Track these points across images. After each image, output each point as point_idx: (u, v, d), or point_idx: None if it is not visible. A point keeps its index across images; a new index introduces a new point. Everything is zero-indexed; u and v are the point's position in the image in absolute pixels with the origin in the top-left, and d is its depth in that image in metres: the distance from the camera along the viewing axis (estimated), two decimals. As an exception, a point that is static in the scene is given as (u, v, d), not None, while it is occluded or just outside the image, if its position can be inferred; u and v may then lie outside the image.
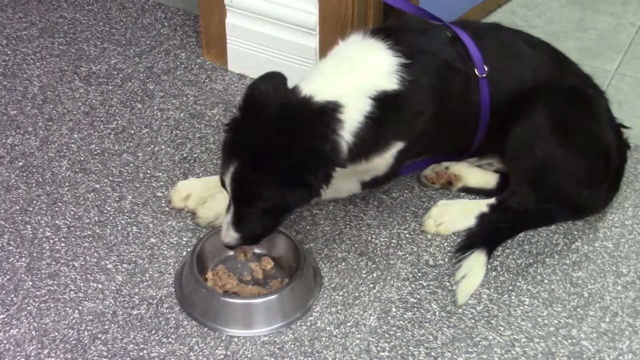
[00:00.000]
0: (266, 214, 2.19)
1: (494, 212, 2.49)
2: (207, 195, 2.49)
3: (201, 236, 2.42)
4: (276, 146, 2.12)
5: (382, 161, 2.36)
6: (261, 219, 2.21)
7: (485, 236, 2.44)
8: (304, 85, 2.22)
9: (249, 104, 2.20)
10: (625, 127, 2.59)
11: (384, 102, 2.25)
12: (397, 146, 2.35)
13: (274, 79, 2.25)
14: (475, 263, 2.36)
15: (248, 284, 2.34)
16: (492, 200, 2.51)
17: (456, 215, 2.50)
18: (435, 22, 2.48)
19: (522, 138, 2.43)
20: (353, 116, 2.22)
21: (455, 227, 2.48)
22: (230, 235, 2.23)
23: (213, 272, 2.34)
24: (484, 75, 2.40)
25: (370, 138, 2.26)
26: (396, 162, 2.39)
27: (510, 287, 2.35)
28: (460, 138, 2.51)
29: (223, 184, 2.21)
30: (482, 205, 2.50)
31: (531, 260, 2.43)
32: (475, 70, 2.39)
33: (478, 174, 2.60)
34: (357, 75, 2.27)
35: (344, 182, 2.41)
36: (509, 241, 2.47)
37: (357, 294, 2.32)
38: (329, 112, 2.19)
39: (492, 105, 2.42)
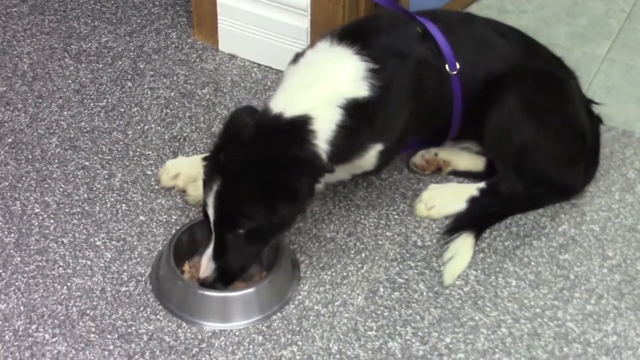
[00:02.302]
0: (250, 239, 2.15)
1: (484, 196, 2.50)
2: (196, 174, 2.49)
3: (190, 216, 2.43)
4: (256, 161, 2.11)
5: (365, 161, 2.35)
6: (243, 247, 2.17)
7: (474, 219, 2.45)
8: (274, 103, 2.21)
9: (228, 130, 2.21)
10: (595, 103, 2.63)
11: (355, 110, 2.22)
12: (376, 148, 2.33)
13: (249, 109, 2.28)
14: (463, 245, 2.37)
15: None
16: (482, 185, 2.52)
17: (447, 199, 2.51)
18: (406, 15, 2.46)
19: (497, 126, 2.44)
20: (324, 126, 2.19)
21: (446, 210, 2.49)
22: (208, 269, 2.18)
23: (190, 264, 2.32)
24: (455, 73, 2.40)
25: (347, 144, 2.24)
26: (381, 160, 2.38)
27: (497, 269, 2.37)
28: (435, 129, 2.52)
29: (205, 212, 2.17)
30: (472, 189, 2.52)
31: (518, 243, 2.44)
32: (447, 67, 2.39)
33: (467, 158, 2.61)
34: (324, 86, 2.24)
35: (337, 173, 2.39)
36: (497, 223, 2.49)
37: (345, 274, 2.33)
38: (300, 125, 2.17)
39: (464, 97, 2.43)
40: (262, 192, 2.11)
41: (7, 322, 2.19)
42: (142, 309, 2.23)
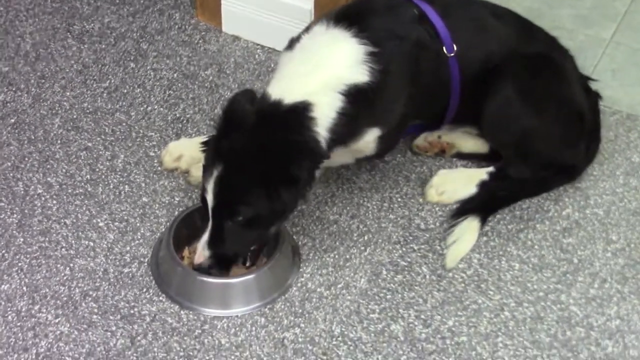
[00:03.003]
0: (249, 226, 2.14)
1: (493, 180, 2.50)
2: (199, 156, 2.49)
3: (193, 198, 2.42)
4: (257, 148, 2.10)
5: (364, 146, 2.33)
6: (242, 234, 2.15)
7: (481, 203, 2.45)
8: (272, 89, 2.19)
9: (228, 116, 2.19)
10: (592, 80, 2.62)
11: (355, 95, 2.20)
12: (374, 133, 2.30)
13: (248, 94, 2.24)
14: (468, 229, 2.37)
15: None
16: (491, 168, 2.51)
17: (458, 183, 2.49)
18: None
19: (494, 117, 2.44)
20: (325, 113, 2.17)
21: (457, 195, 2.48)
22: (203, 255, 2.16)
23: (190, 249, 2.31)
24: (452, 55, 2.38)
25: (345, 131, 2.22)
26: (381, 145, 2.35)
27: (501, 252, 2.36)
28: (434, 112, 2.50)
29: (203, 197, 2.16)
30: (482, 173, 2.51)
31: (522, 226, 2.43)
32: (444, 49, 2.37)
33: (471, 141, 2.60)
34: (324, 72, 2.21)
35: (339, 157, 2.38)
36: (503, 208, 2.48)
37: (348, 256, 2.33)
38: (300, 112, 2.15)
39: (462, 80, 2.41)
40: (263, 180, 2.10)
41: (10, 302, 2.19)
42: (144, 290, 2.23)
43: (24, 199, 2.44)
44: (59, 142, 2.61)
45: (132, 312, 2.18)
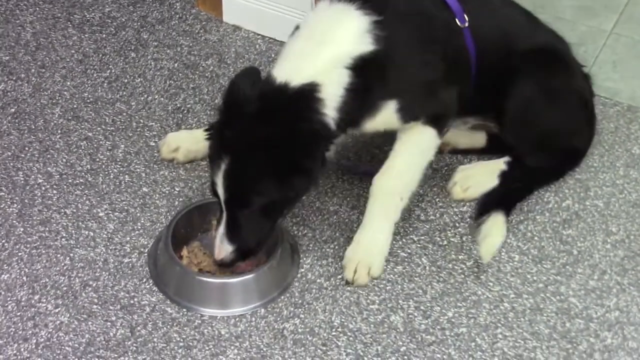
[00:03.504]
0: (264, 213, 2.11)
1: (512, 169, 2.49)
2: (196, 149, 2.49)
3: (193, 188, 2.42)
4: (265, 137, 2.05)
5: (384, 122, 2.24)
6: (258, 222, 2.12)
7: (500, 198, 2.41)
8: (277, 71, 2.13)
9: (230, 103, 2.13)
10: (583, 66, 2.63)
11: (363, 67, 2.13)
12: (390, 106, 2.21)
13: (251, 75, 2.17)
14: (494, 225, 2.31)
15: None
16: (507, 158, 2.50)
17: (480, 178, 2.48)
18: None
19: (518, 117, 2.45)
20: (333, 92, 2.11)
21: (481, 189, 2.46)
22: (224, 249, 2.13)
23: (189, 249, 2.30)
24: (466, 25, 2.33)
25: (357, 107, 2.16)
26: (405, 117, 2.24)
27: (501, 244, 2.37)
28: (461, 79, 2.38)
29: (214, 190, 2.12)
30: (500, 164, 2.50)
31: (522, 218, 2.43)
32: (457, 20, 2.32)
33: (465, 136, 2.58)
34: (328, 49, 2.13)
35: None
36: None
37: (348, 247, 2.33)
38: (307, 94, 2.09)
39: (479, 58, 2.37)
40: (273, 168, 2.06)
41: (10, 292, 2.19)
42: (144, 280, 2.24)
43: (24, 189, 2.44)
44: (59, 131, 2.61)
45: (132, 302, 2.19)
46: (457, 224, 2.41)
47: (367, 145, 2.61)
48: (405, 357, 2.11)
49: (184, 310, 2.17)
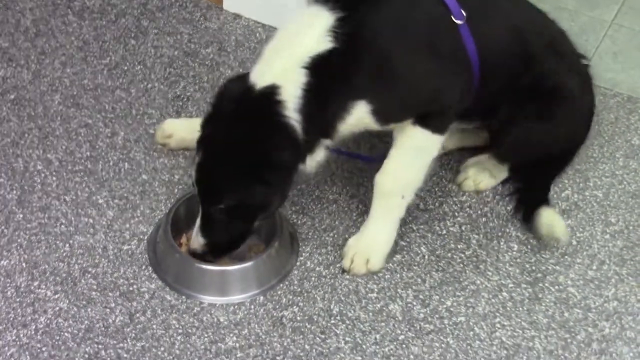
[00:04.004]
0: (234, 214, 2.11)
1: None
2: (190, 138, 2.47)
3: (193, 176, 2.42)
4: (231, 138, 2.06)
5: (358, 123, 2.15)
6: (229, 222, 2.12)
7: (530, 197, 2.42)
8: (252, 73, 2.11)
9: (218, 100, 2.14)
10: (584, 58, 2.53)
11: (320, 66, 2.05)
12: (361, 107, 2.10)
13: (243, 78, 2.14)
14: (549, 215, 2.33)
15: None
16: None
17: (492, 170, 2.48)
18: None
19: (518, 144, 2.38)
20: (291, 93, 2.04)
21: (494, 181, 2.48)
22: (197, 241, 2.16)
23: (188, 236, 2.29)
24: (462, 22, 2.18)
25: (321, 109, 2.08)
26: (382, 119, 2.14)
27: (500, 233, 2.37)
28: (457, 83, 2.23)
29: (193, 182, 2.14)
30: None
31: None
32: (452, 17, 2.17)
33: (454, 137, 2.54)
34: (291, 49, 2.07)
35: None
36: (500, 187, 2.48)
37: (347, 236, 2.33)
38: (267, 97, 2.06)
39: (482, 59, 2.21)
40: (234, 173, 2.06)
41: (9, 278, 2.19)
42: (143, 267, 2.24)
43: (24, 175, 2.44)
44: (58, 118, 2.61)
45: (131, 289, 2.19)
46: (456, 214, 2.42)
47: (366, 135, 2.60)
48: (404, 346, 2.11)
49: (183, 297, 2.18)
